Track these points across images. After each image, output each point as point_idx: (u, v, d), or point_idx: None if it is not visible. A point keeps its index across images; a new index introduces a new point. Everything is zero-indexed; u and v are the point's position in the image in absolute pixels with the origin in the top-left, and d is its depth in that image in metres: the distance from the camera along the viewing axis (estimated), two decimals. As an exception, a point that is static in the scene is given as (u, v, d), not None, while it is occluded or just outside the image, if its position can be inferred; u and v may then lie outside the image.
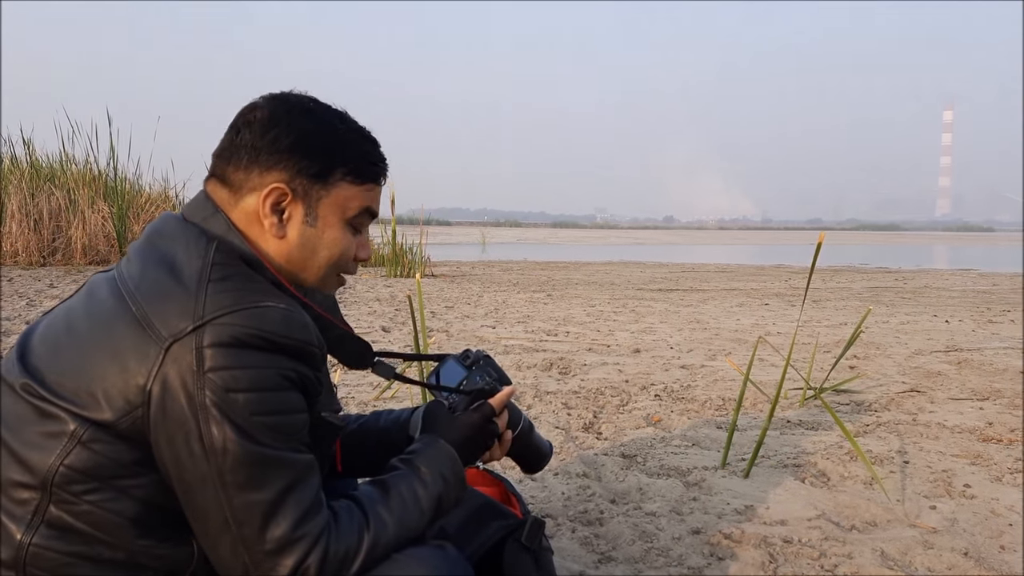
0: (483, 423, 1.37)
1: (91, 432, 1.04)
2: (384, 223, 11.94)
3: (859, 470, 2.68)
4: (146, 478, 1.06)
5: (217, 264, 1.10)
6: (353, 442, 1.53)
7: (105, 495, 1.05)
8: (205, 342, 1.02)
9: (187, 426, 1.02)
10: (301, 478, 1.06)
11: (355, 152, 1.21)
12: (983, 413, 3.56)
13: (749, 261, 20.67)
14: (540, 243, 37.70)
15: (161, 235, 1.16)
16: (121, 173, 10.84)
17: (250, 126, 1.16)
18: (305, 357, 1.09)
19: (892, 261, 21.26)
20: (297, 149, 1.16)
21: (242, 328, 1.03)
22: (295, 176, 1.16)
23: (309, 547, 1.04)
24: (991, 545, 2.11)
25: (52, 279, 8.30)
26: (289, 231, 1.18)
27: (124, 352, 1.04)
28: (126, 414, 1.03)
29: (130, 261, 1.15)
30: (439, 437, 1.30)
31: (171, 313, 1.04)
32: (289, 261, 1.20)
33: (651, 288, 10.59)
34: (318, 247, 1.20)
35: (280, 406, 1.06)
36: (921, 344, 5.65)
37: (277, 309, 1.07)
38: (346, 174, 1.19)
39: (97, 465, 1.04)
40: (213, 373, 1.01)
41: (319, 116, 1.19)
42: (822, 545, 2.08)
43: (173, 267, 1.09)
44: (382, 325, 6.05)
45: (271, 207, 1.16)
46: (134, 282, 1.10)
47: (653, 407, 3.59)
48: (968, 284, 12.26)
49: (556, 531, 2.15)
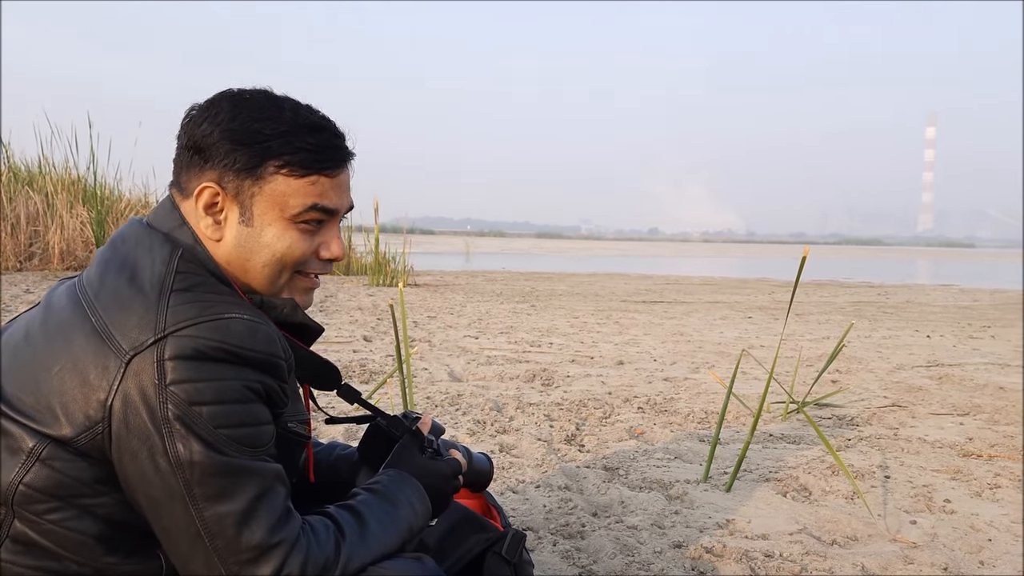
0: (451, 475, 1.35)
1: (50, 449, 1.01)
2: (367, 231, 11.91)
3: (841, 484, 2.68)
4: (108, 496, 1.03)
5: (180, 273, 1.06)
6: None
7: (66, 514, 1.02)
8: (167, 355, 0.99)
9: (151, 441, 0.99)
10: (270, 486, 1.04)
11: (291, 142, 1.11)
12: (963, 428, 3.57)
13: (733, 274, 20.77)
14: (524, 253, 37.73)
15: (124, 241, 1.12)
16: (101, 178, 10.75)
17: (186, 126, 1.13)
18: (270, 369, 1.06)
19: (875, 276, 21.42)
20: (223, 143, 1.10)
21: (205, 341, 1.00)
22: (224, 172, 1.11)
23: (287, 553, 1.02)
24: (971, 560, 2.11)
25: (29, 284, 8.20)
26: (225, 232, 1.13)
27: (84, 365, 1.01)
28: (86, 430, 1.00)
29: (92, 268, 1.11)
30: (407, 473, 1.28)
31: (131, 324, 1.01)
32: (228, 264, 1.13)
33: (635, 300, 10.60)
34: (256, 248, 1.13)
35: (245, 418, 1.03)
36: (903, 359, 5.68)
37: (241, 320, 1.04)
38: (280, 167, 1.11)
39: (57, 483, 1.01)
40: (175, 386, 0.99)
41: (252, 106, 1.12)
42: (803, 560, 2.08)
43: (134, 275, 1.06)
44: (363, 334, 6.01)
45: (204, 208, 1.11)
46: (93, 290, 1.06)
47: (636, 420, 3.58)
48: (949, 300, 12.37)
49: (537, 544, 2.13)
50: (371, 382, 4.26)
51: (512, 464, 2.82)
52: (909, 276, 22.75)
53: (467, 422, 3.41)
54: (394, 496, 1.21)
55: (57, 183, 10.51)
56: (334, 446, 1.58)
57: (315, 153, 1.13)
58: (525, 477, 2.69)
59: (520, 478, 2.68)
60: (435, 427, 1.43)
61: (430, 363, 4.91)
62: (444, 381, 4.36)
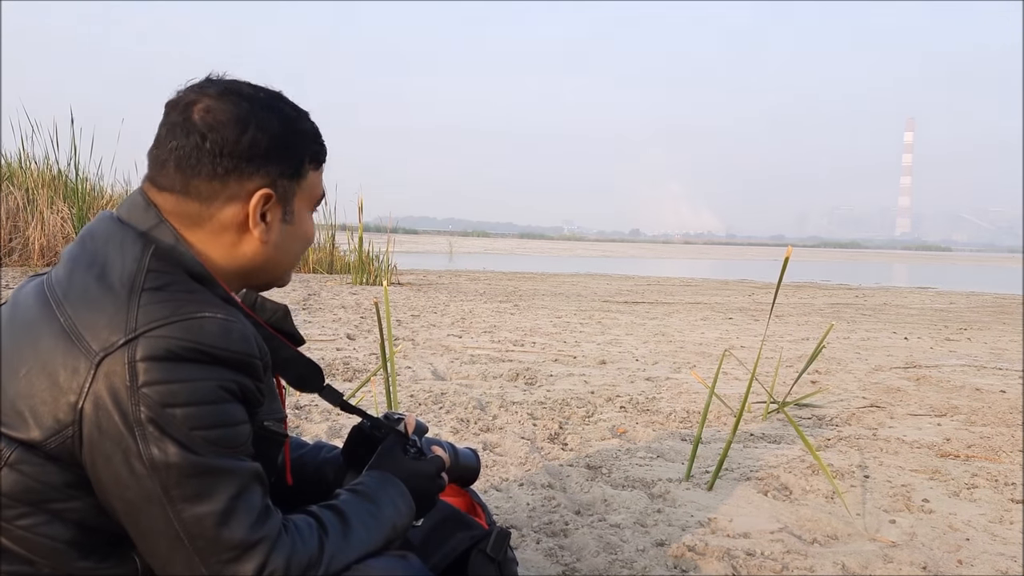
0: (435, 474, 1.35)
1: (18, 453, 0.99)
2: (351, 230, 11.86)
3: (821, 484, 2.70)
4: (79, 501, 1.01)
5: (152, 271, 1.04)
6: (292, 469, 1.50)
7: (37, 519, 1.00)
8: (138, 356, 0.97)
9: (124, 444, 0.97)
10: (248, 485, 1.03)
11: (311, 137, 1.18)
12: (941, 429, 3.62)
13: (714, 275, 20.88)
14: (507, 253, 37.73)
15: (93, 237, 1.08)
16: (82, 173, 10.65)
17: (217, 131, 1.07)
18: (245, 368, 1.05)
19: (853, 278, 21.61)
20: (274, 151, 1.11)
21: (177, 341, 0.98)
22: (277, 179, 1.12)
23: (269, 550, 1.01)
24: (949, 559, 2.14)
25: (8, 280, 8.11)
26: (272, 234, 1.15)
27: (52, 366, 0.99)
28: (55, 433, 0.98)
29: (60, 265, 1.09)
30: (391, 474, 1.28)
31: (101, 324, 0.99)
32: (268, 261, 1.16)
33: (617, 300, 10.63)
34: (293, 242, 1.19)
35: (220, 419, 1.01)
36: (881, 360, 5.74)
37: (215, 320, 1.02)
38: (310, 162, 1.17)
39: (26, 488, 0.99)
40: (148, 388, 0.96)
41: (277, 107, 1.14)
42: (784, 558, 2.10)
43: (103, 273, 1.03)
44: (347, 333, 6.00)
45: (260, 213, 1.12)
46: (62, 289, 1.04)
47: (618, 419, 3.60)
48: (926, 302, 12.50)
49: (521, 542, 2.13)
50: (354, 380, 4.25)
51: (495, 462, 2.83)
52: (886, 279, 22.97)
53: (451, 420, 3.41)
54: (377, 497, 1.20)
55: (37, 178, 10.40)
56: (320, 447, 1.57)
57: (323, 145, 1.20)
58: (508, 475, 2.70)
59: (503, 476, 2.69)
60: (419, 426, 1.43)
61: (414, 362, 4.90)
62: (428, 380, 4.35)
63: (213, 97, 1.09)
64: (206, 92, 1.10)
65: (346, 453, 1.46)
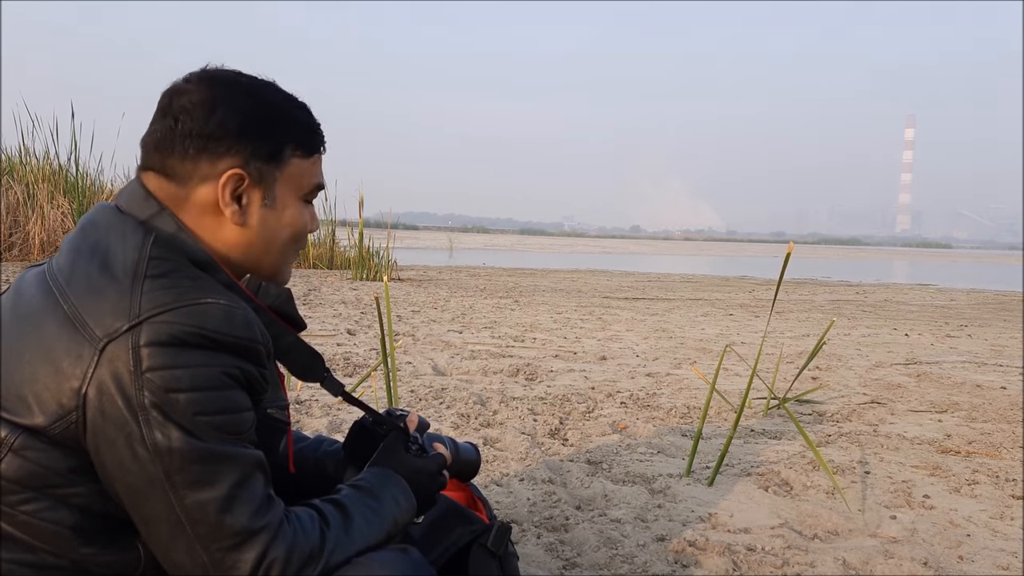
0: (436, 471, 1.35)
1: (23, 439, 0.99)
2: (351, 225, 11.86)
3: (821, 480, 2.70)
4: (83, 487, 1.02)
5: (154, 259, 1.04)
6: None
7: (41, 504, 1.01)
8: (142, 341, 0.97)
9: (128, 429, 0.97)
10: (251, 473, 1.03)
11: (298, 125, 1.17)
12: (941, 425, 3.62)
13: (714, 272, 20.88)
14: (508, 249, 37.73)
15: (94, 226, 1.09)
16: (82, 168, 10.66)
17: (188, 112, 1.10)
18: (249, 354, 1.05)
19: (853, 275, 21.61)
20: (246, 131, 1.11)
21: (181, 326, 0.99)
22: (249, 160, 1.12)
23: (271, 538, 1.01)
24: (950, 555, 2.14)
25: (8, 275, 8.11)
26: (250, 217, 1.14)
27: (56, 353, 0.99)
28: (59, 419, 0.99)
29: (61, 254, 1.09)
30: (392, 471, 1.27)
31: (104, 311, 0.99)
32: (251, 246, 1.15)
33: (617, 296, 10.63)
34: (279, 228, 1.17)
35: (224, 405, 1.01)
36: (881, 357, 5.74)
37: (218, 305, 1.03)
38: (295, 149, 1.16)
39: (31, 474, 1.00)
40: (152, 373, 0.97)
41: (257, 92, 1.15)
42: (785, 554, 2.10)
43: (106, 261, 1.04)
44: (347, 328, 6.00)
45: (231, 195, 1.12)
46: (64, 277, 1.05)
47: (619, 414, 3.60)
48: (927, 299, 12.50)
49: (521, 537, 2.13)
50: (355, 375, 4.25)
51: (496, 457, 2.83)
52: (887, 275, 22.97)
53: (451, 416, 3.41)
54: (379, 493, 1.21)
55: (38, 173, 10.40)
56: (321, 440, 1.57)
57: (316, 135, 1.20)
58: (509, 470, 2.70)
59: (504, 471, 2.69)
60: (421, 423, 1.43)
61: (414, 357, 4.90)
62: (428, 375, 4.35)
63: (193, 83, 1.13)
64: (189, 79, 1.13)
65: (347, 448, 1.46)
